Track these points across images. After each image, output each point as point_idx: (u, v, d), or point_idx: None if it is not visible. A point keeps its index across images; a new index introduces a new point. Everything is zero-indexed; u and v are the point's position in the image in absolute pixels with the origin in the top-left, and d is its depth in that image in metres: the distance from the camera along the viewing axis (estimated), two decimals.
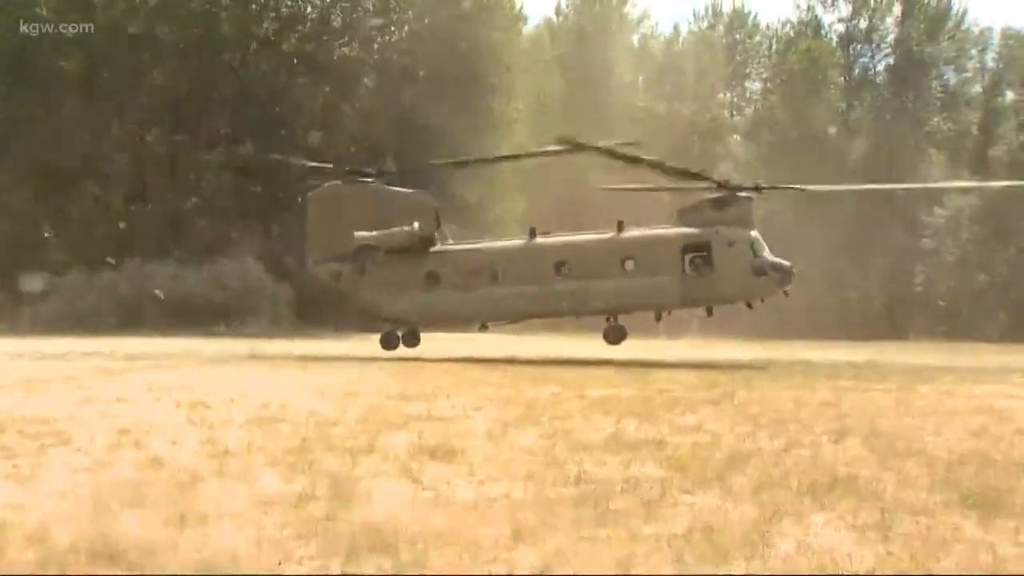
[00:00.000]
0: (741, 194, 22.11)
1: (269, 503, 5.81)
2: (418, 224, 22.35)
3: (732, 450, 8.01)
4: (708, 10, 68.64)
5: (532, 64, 56.82)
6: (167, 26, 43.75)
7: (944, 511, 5.88)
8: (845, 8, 58.85)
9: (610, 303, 21.73)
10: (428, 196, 23.77)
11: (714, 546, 4.98)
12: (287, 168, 34.88)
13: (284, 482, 6.47)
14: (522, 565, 4.69)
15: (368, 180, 23.49)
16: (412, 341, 23.03)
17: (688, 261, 21.57)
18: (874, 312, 53.32)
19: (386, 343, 22.88)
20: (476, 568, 4.65)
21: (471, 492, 6.24)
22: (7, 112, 42.15)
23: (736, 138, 63.51)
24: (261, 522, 5.37)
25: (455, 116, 43.86)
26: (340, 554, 4.79)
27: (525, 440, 8.43)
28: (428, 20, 49.51)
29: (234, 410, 10.21)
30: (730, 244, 21.32)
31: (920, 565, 4.80)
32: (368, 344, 24.40)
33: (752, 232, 21.62)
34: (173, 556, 4.71)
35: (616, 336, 21.92)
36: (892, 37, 58.49)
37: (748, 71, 68.38)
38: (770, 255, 21.63)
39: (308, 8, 47.59)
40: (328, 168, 25.17)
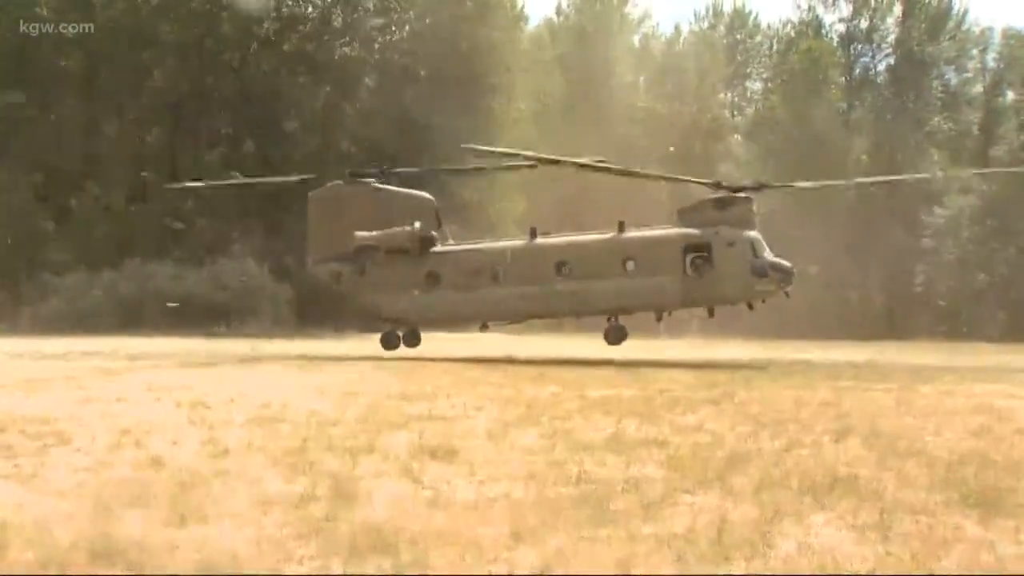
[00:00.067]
0: (737, 194, 22.15)
1: (269, 503, 5.81)
2: (418, 224, 22.37)
3: (733, 450, 8.02)
4: (709, 10, 68.74)
5: (533, 64, 56.68)
6: (167, 26, 43.75)
7: (944, 511, 5.88)
8: (846, 8, 58.78)
9: (611, 303, 21.73)
10: (428, 196, 23.78)
11: (714, 546, 4.98)
12: (286, 169, 34.84)
13: (285, 482, 6.47)
14: (522, 565, 4.70)
15: (370, 180, 23.47)
16: (413, 341, 23.06)
17: (689, 261, 21.55)
18: (874, 312, 53.26)
19: (386, 343, 22.90)
20: (476, 568, 4.65)
21: (471, 492, 6.25)
22: (7, 112, 42.11)
23: (737, 138, 63.46)
24: (261, 522, 5.37)
25: (456, 116, 43.80)
26: (341, 554, 4.79)
27: (525, 440, 8.43)
28: (429, 20, 49.43)
29: (234, 410, 10.21)
30: (730, 244, 21.32)
31: (920, 565, 4.80)
32: (368, 344, 24.40)
33: (753, 232, 21.63)
34: (173, 556, 4.71)
35: (617, 336, 21.92)
36: (893, 37, 58.37)
37: (749, 71, 68.35)
38: (770, 255, 21.64)
39: (309, 8, 47.57)
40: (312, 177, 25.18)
